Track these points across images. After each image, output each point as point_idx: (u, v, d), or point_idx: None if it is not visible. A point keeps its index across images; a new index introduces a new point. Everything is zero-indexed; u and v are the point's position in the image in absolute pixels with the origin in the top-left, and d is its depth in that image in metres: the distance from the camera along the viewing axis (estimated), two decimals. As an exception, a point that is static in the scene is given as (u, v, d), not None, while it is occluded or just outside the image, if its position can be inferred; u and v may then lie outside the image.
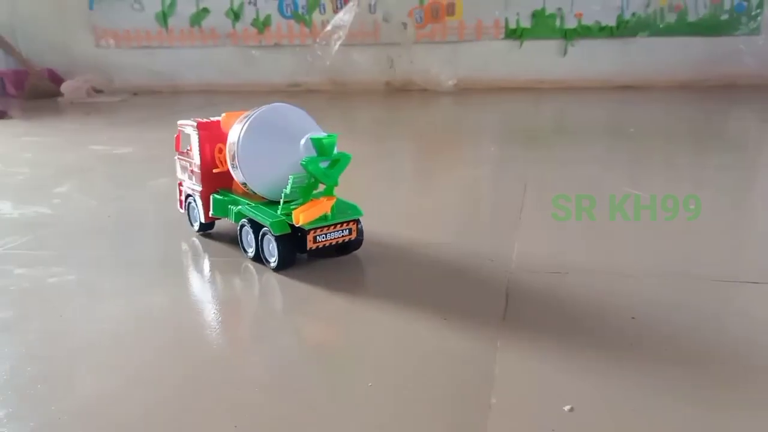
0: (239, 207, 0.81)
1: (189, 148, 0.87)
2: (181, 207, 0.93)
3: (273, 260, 0.77)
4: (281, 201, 0.76)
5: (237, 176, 0.80)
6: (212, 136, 0.85)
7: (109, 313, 0.68)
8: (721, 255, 0.80)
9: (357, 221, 0.79)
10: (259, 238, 0.78)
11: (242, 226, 0.81)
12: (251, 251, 0.80)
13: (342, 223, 0.77)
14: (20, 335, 0.63)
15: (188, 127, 0.86)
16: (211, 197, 0.85)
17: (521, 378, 0.53)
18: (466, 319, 0.63)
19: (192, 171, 0.88)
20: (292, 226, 0.75)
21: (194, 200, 0.89)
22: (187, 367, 0.56)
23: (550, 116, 2.13)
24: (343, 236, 0.78)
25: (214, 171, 0.85)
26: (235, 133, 0.79)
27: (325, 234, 0.76)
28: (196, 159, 0.86)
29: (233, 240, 0.86)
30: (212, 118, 0.86)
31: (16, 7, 3.00)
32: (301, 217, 0.73)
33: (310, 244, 0.75)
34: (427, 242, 0.86)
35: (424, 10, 2.63)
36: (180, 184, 0.92)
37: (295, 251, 0.77)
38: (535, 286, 0.71)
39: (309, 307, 0.68)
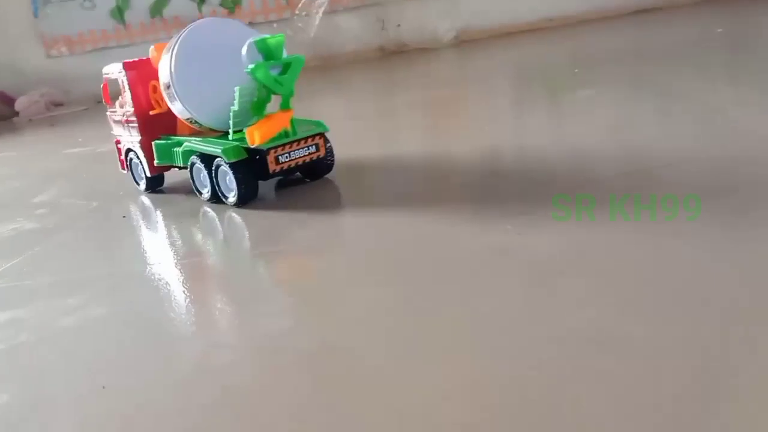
0: (185, 145, 0.67)
1: (121, 95, 0.76)
2: (123, 167, 0.81)
3: (232, 194, 0.62)
4: (230, 123, 0.62)
5: (178, 110, 0.68)
6: (143, 75, 0.75)
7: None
8: None
9: (324, 137, 0.65)
10: (213, 172, 0.63)
11: (192, 164, 0.67)
12: (206, 191, 0.66)
13: (306, 139, 0.63)
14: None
15: (114, 72, 0.75)
16: (153, 145, 0.72)
17: None
18: None
19: (127, 120, 0.76)
20: (248, 150, 0.60)
21: (135, 154, 0.76)
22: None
23: (559, 57, 1.90)
24: (309, 154, 0.64)
25: (152, 113, 0.73)
26: (165, 64, 0.67)
27: (288, 153, 0.62)
28: (130, 105, 0.74)
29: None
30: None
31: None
32: (256, 135, 0.60)
33: (272, 167, 0.61)
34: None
35: (412, -40, 2.38)
36: (117, 142, 0.80)
37: (256, 179, 0.63)
38: None
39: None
